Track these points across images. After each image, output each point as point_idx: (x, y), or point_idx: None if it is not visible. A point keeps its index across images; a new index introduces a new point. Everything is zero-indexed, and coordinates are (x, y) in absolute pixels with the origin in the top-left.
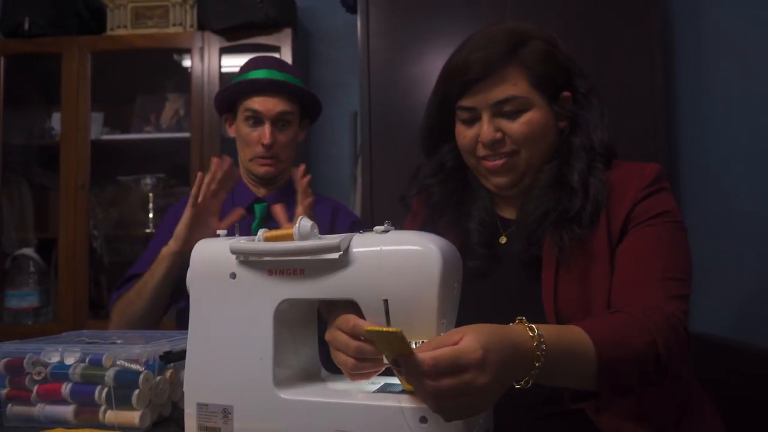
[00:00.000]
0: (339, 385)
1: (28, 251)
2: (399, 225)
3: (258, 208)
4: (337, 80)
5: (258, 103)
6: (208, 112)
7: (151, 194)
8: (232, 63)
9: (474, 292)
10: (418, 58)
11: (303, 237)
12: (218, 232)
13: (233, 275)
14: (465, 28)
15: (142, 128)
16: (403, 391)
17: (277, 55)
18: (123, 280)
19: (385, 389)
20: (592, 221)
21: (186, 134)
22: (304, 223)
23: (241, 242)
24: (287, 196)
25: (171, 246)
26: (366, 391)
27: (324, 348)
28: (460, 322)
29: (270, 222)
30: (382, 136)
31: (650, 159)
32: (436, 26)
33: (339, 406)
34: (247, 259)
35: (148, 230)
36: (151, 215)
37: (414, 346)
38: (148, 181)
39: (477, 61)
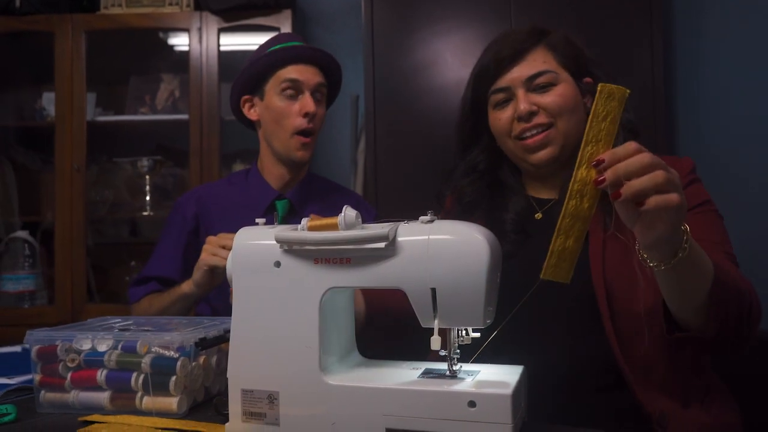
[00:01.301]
0: (381, 369)
1: (23, 234)
2: (403, 209)
3: (280, 205)
4: None
5: (298, 72)
6: (207, 93)
7: (147, 176)
8: (231, 42)
9: (515, 268)
10: (422, 42)
11: (348, 226)
12: (257, 220)
13: (278, 264)
14: (470, 12)
15: (136, 109)
16: (447, 376)
17: None
18: (140, 278)
19: (428, 373)
20: None
21: (183, 116)
22: (348, 212)
23: (286, 231)
24: (307, 192)
25: (191, 288)
26: (410, 376)
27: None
28: (503, 295)
29: (292, 219)
30: (385, 120)
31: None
32: (440, 10)
33: (385, 391)
34: (291, 248)
35: (145, 213)
36: (147, 198)
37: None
38: (145, 162)
39: (507, 47)
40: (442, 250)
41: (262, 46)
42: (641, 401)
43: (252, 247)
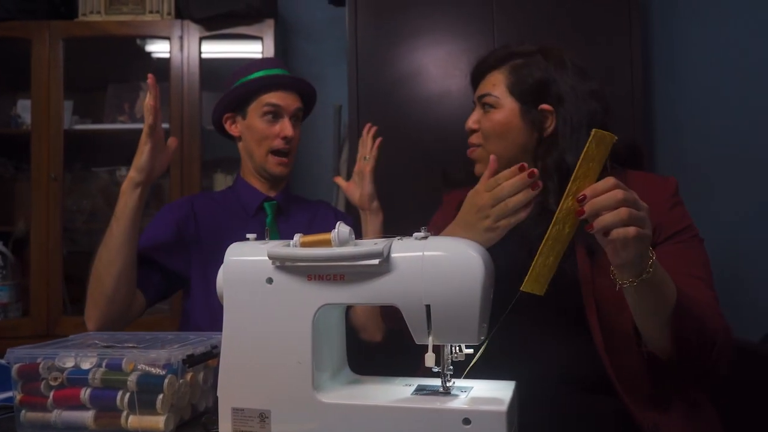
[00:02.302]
0: (374, 386)
1: None
2: (386, 220)
3: (269, 206)
4: (319, 73)
5: (279, 98)
6: (188, 102)
7: None
8: (212, 50)
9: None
10: (406, 53)
11: (342, 242)
12: (248, 236)
13: (270, 280)
14: (453, 24)
15: (114, 118)
16: (441, 392)
17: (259, 46)
18: None
19: (421, 390)
20: None
21: (163, 125)
22: (342, 229)
23: (279, 248)
24: (291, 198)
25: (135, 177)
26: (404, 393)
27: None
28: None
29: (279, 219)
30: None
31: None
32: (424, 22)
33: (379, 408)
34: (284, 264)
35: None
36: None
37: None
38: (123, 172)
39: (478, 64)
40: (437, 266)
41: (247, 67)
42: (632, 412)
43: (244, 263)
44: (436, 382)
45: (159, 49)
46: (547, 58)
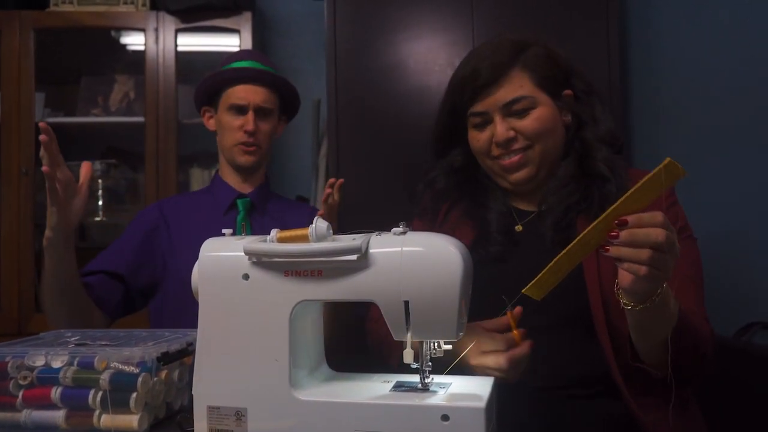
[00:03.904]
0: (352, 383)
1: None
2: (365, 215)
3: (241, 203)
4: (297, 67)
5: (242, 91)
6: (163, 96)
7: (100, 180)
8: (189, 43)
9: (495, 276)
10: (385, 47)
11: (320, 238)
12: (224, 231)
13: (246, 276)
14: (432, 19)
15: (88, 111)
16: (419, 389)
17: (236, 39)
18: (84, 272)
19: (400, 387)
20: None
21: (138, 118)
22: (320, 224)
23: (255, 243)
24: (267, 194)
25: (53, 238)
26: (382, 390)
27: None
28: (483, 303)
29: (253, 216)
30: (347, 124)
31: None
32: (403, 16)
33: (357, 405)
34: (260, 260)
35: (97, 218)
36: (100, 202)
37: None
38: (98, 166)
39: (485, 68)
40: (415, 262)
41: (226, 59)
42: (637, 416)
43: (219, 259)
44: (415, 378)
45: (134, 41)
46: (539, 44)
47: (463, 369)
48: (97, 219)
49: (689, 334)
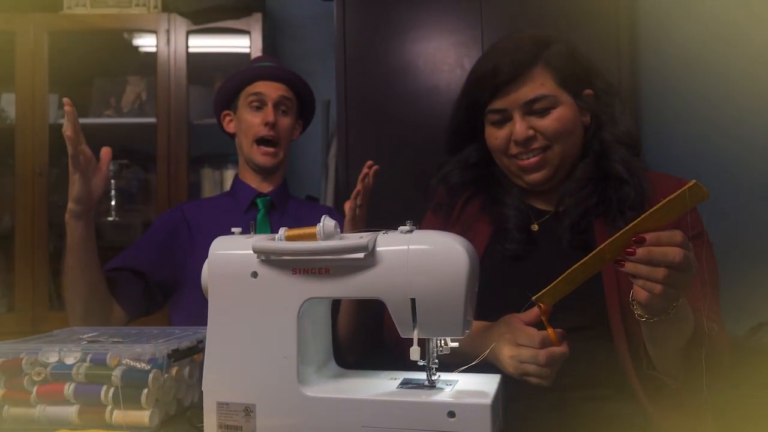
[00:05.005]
0: (359, 380)
1: None
2: (375, 215)
3: (261, 201)
4: (307, 68)
5: (262, 87)
6: (175, 97)
7: (112, 180)
8: (199, 44)
9: (512, 274)
10: (394, 48)
11: (327, 236)
12: (233, 230)
13: (254, 274)
14: (441, 19)
15: (101, 112)
16: (426, 386)
17: (246, 40)
18: (108, 268)
19: (407, 384)
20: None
21: (150, 119)
22: (327, 222)
23: (264, 241)
24: (286, 195)
25: (75, 209)
26: (389, 387)
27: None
28: (499, 301)
29: (273, 215)
30: (357, 125)
31: None
32: (412, 17)
33: (364, 402)
34: (268, 258)
35: (110, 218)
36: (112, 202)
37: None
38: (110, 167)
39: (506, 65)
40: (422, 260)
41: (245, 64)
42: (652, 417)
43: (228, 257)
44: (422, 375)
45: (145, 43)
46: (561, 41)
47: (485, 365)
48: (110, 219)
49: (705, 343)
